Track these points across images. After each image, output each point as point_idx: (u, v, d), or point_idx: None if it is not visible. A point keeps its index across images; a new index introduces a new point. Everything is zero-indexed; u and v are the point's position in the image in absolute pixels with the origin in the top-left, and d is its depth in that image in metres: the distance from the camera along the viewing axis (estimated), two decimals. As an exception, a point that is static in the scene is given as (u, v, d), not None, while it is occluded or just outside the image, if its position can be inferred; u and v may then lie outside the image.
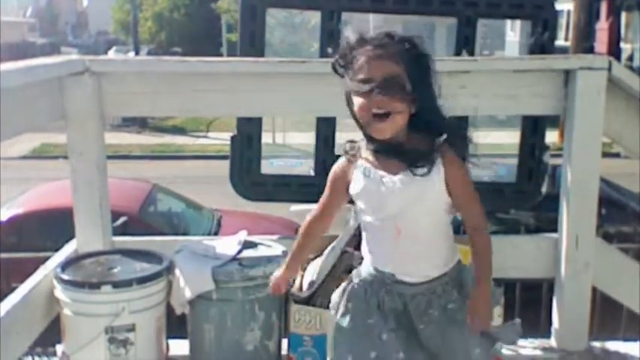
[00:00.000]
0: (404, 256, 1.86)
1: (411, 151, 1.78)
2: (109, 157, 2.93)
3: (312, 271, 2.60)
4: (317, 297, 2.55)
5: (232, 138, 2.93)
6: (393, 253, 1.86)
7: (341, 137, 2.16)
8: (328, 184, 1.95)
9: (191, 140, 15.97)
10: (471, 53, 2.85)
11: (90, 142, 2.73)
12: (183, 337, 2.64)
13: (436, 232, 1.87)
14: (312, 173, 2.98)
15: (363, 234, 1.94)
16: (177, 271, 2.54)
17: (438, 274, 1.88)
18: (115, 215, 3.22)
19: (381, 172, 1.81)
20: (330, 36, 2.80)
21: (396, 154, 1.79)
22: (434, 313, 1.87)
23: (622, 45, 20.53)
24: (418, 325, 1.88)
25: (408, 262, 1.86)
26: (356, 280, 1.95)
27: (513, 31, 20.36)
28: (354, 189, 1.86)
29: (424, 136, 1.80)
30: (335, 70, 1.81)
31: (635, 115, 2.69)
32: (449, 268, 1.91)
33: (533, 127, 2.90)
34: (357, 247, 2.68)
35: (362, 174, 1.84)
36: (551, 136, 3.23)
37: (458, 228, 2.01)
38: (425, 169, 1.76)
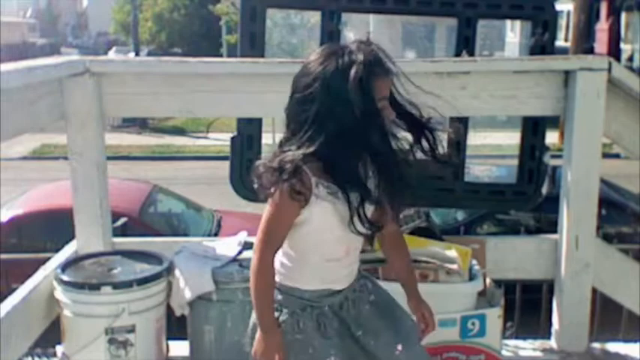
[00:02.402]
0: (342, 271, 1.86)
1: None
2: (109, 158, 2.93)
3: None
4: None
5: (232, 139, 2.93)
6: (336, 270, 1.84)
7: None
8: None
9: (191, 141, 15.96)
10: (471, 54, 2.85)
11: (90, 143, 2.73)
12: (184, 339, 2.63)
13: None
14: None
15: (297, 262, 1.84)
16: (177, 272, 2.54)
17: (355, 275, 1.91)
18: (115, 216, 3.23)
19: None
20: (329, 36, 2.80)
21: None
22: (364, 308, 1.88)
23: (622, 45, 20.54)
24: (356, 333, 1.87)
25: (344, 275, 1.86)
26: (285, 317, 1.84)
27: (513, 32, 20.37)
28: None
29: None
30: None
31: (635, 116, 2.69)
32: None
33: (533, 128, 2.90)
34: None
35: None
36: (552, 137, 3.23)
37: (457, 229, 2.02)
38: None
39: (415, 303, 1.94)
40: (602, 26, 20.27)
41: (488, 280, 2.64)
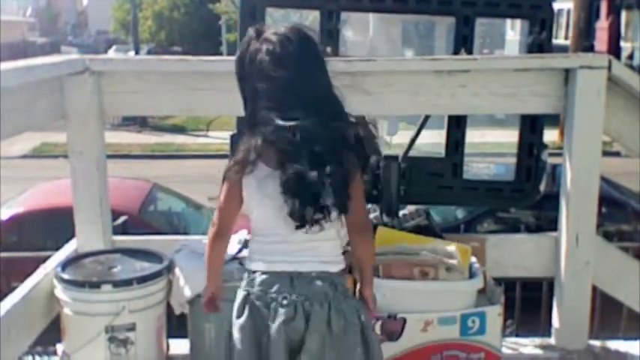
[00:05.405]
0: None
1: None
2: (109, 157, 2.93)
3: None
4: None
5: (232, 137, 2.93)
6: None
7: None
8: None
9: (191, 139, 15.97)
10: (469, 52, 2.85)
11: (90, 142, 2.73)
12: (184, 337, 2.64)
13: None
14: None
15: None
16: (177, 271, 2.54)
17: None
18: (115, 214, 3.23)
19: None
20: (329, 36, 2.80)
21: None
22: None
23: (622, 44, 20.50)
24: None
25: None
26: None
27: (513, 30, 20.36)
28: None
29: None
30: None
31: (635, 114, 2.69)
32: None
33: (531, 126, 2.90)
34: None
35: None
36: (552, 135, 3.23)
37: (458, 227, 2.02)
38: None
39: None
40: (602, 24, 20.24)
41: (488, 278, 2.64)
